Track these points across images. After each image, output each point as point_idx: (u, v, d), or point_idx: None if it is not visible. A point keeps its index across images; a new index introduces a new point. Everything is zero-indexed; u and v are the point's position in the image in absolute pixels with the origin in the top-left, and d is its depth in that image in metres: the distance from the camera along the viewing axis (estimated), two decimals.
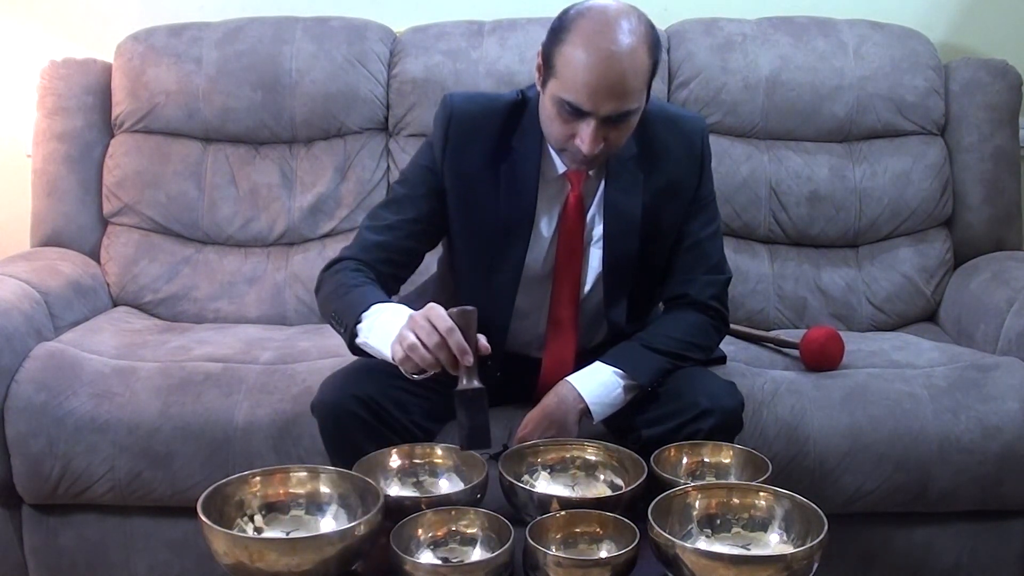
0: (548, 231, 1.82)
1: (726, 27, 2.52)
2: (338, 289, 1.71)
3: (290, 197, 2.49)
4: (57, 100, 2.49)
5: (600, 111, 1.60)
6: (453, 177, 1.79)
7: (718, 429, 1.68)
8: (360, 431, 1.68)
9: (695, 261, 1.85)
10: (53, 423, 1.96)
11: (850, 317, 2.45)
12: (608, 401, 1.73)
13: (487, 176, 1.78)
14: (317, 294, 1.79)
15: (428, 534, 1.45)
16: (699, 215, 1.86)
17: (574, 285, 1.83)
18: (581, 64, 1.58)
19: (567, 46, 1.60)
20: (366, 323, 1.62)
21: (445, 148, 1.78)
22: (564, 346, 1.86)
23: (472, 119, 1.79)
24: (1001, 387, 2.00)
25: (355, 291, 1.68)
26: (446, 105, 1.80)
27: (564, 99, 1.61)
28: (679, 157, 1.82)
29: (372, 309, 1.63)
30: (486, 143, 1.78)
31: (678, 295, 1.86)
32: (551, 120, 1.67)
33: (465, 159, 1.78)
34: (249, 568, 1.30)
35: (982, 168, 2.49)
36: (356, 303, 1.65)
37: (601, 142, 1.63)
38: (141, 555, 2.07)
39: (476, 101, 1.82)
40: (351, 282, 1.71)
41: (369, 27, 2.54)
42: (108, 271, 2.48)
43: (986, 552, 2.05)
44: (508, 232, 1.80)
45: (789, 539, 1.42)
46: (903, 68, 2.48)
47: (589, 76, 1.58)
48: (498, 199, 1.78)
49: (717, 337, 1.91)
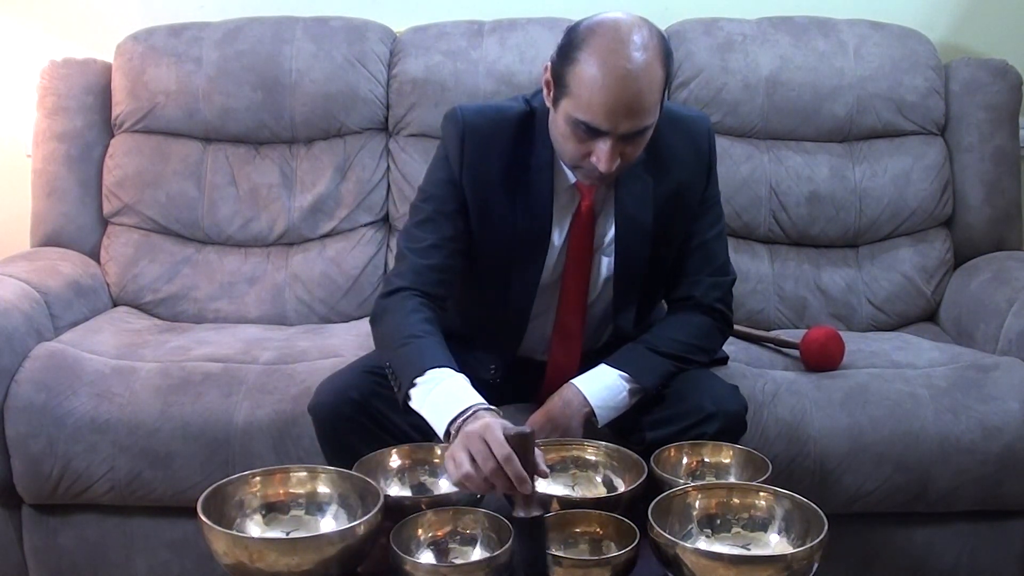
0: (559, 240, 1.80)
1: (726, 27, 2.52)
2: (396, 336, 1.64)
3: (290, 197, 2.49)
4: (57, 100, 2.49)
5: (618, 130, 1.57)
6: (472, 191, 1.76)
7: (722, 433, 1.67)
8: (356, 434, 1.67)
9: (701, 262, 1.84)
10: (53, 423, 1.96)
11: (850, 317, 2.45)
12: (613, 405, 1.72)
13: (503, 190, 1.75)
14: (373, 326, 1.74)
15: (428, 534, 1.45)
16: (705, 216, 1.84)
17: (582, 291, 1.82)
18: (597, 84, 1.54)
19: (581, 65, 1.56)
20: (420, 389, 1.56)
21: (462, 163, 1.74)
22: (569, 351, 1.85)
23: (485, 134, 1.75)
24: (1001, 387, 2.00)
25: (412, 345, 1.61)
26: (457, 120, 1.75)
27: (580, 119, 1.57)
28: (687, 160, 1.80)
29: (428, 376, 1.55)
30: (501, 157, 1.75)
31: (683, 297, 1.85)
32: (565, 139, 1.63)
33: (481, 174, 1.75)
34: (249, 568, 1.30)
35: (982, 168, 2.48)
36: (413, 362, 1.58)
37: (618, 159, 1.61)
38: (141, 555, 2.07)
39: (486, 115, 1.77)
40: (408, 331, 1.63)
41: (369, 27, 2.54)
42: (108, 271, 2.48)
43: (986, 552, 2.05)
44: (524, 245, 1.78)
45: (789, 539, 1.42)
46: (903, 68, 2.48)
47: (605, 96, 1.54)
48: (515, 213, 1.76)
49: (720, 340, 1.91)
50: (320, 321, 2.42)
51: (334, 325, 2.37)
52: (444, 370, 1.56)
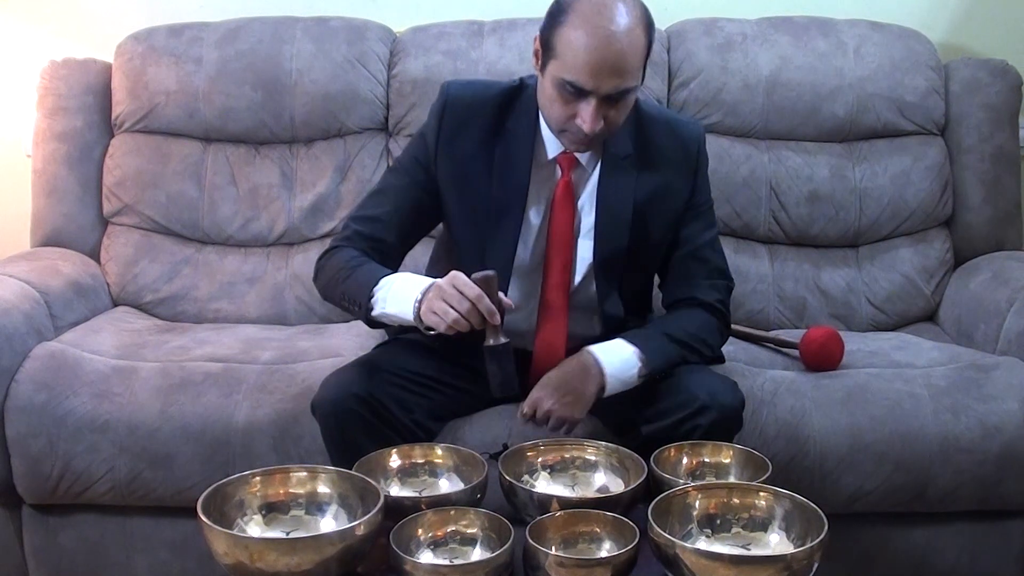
0: (537, 219, 1.84)
1: (726, 27, 2.52)
2: (341, 271, 1.77)
3: (290, 197, 2.49)
4: (57, 100, 2.49)
5: (601, 89, 1.65)
6: (448, 162, 1.83)
7: (717, 426, 1.68)
8: (361, 430, 1.69)
9: (698, 267, 1.89)
10: (53, 423, 1.96)
11: (850, 317, 2.45)
12: (623, 379, 1.74)
13: (481, 157, 1.82)
14: (316, 282, 1.86)
15: (428, 534, 1.45)
16: (695, 221, 1.89)
17: (563, 271, 1.85)
18: (582, 44, 1.63)
19: (567, 28, 1.65)
20: (379, 295, 1.69)
21: (439, 135, 1.83)
22: (555, 333, 1.87)
23: (467, 103, 1.84)
24: (1001, 387, 2.00)
25: (360, 269, 1.75)
26: (443, 93, 1.86)
27: (565, 79, 1.66)
28: (673, 161, 1.86)
29: (382, 282, 1.70)
30: (481, 125, 1.83)
31: (684, 298, 1.88)
32: (551, 102, 1.71)
33: (459, 142, 1.83)
34: (249, 568, 1.30)
35: (982, 168, 2.49)
36: (365, 279, 1.72)
37: (601, 121, 1.68)
38: (141, 555, 2.07)
39: (472, 86, 1.89)
40: (352, 263, 1.77)
41: (369, 27, 2.54)
42: (108, 271, 2.48)
43: (986, 552, 2.05)
44: (500, 214, 1.82)
45: (789, 539, 1.42)
46: (903, 68, 2.48)
47: (590, 56, 1.63)
48: (491, 180, 1.82)
49: (721, 339, 1.92)
50: (320, 321, 2.42)
51: (334, 325, 2.37)
52: (391, 275, 1.71)
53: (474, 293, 1.59)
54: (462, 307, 1.59)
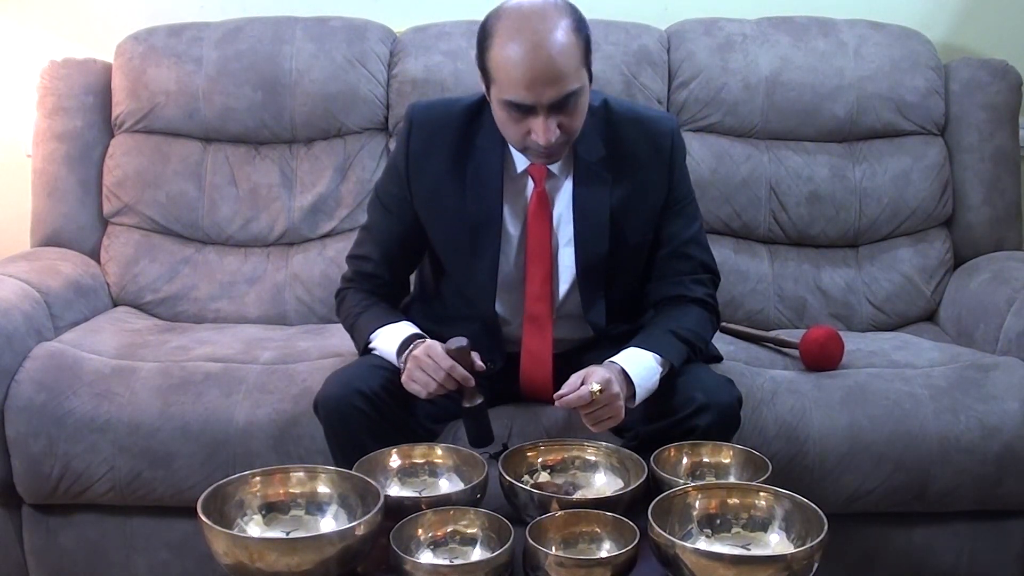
0: (515, 230, 1.84)
1: (726, 27, 2.52)
2: (347, 320, 1.90)
3: (290, 197, 2.49)
4: (57, 100, 2.49)
5: (543, 100, 1.64)
6: (421, 185, 1.84)
7: (715, 425, 1.68)
8: (363, 427, 1.70)
9: (682, 264, 1.87)
10: (53, 423, 1.96)
11: (850, 317, 2.45)
12: (648, 387, 1.73)
13: (453, 176, 1.82)
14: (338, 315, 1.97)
15: (428, 534, 1.45)
16: (677, 219, 1.87)
17: (544, 282, 1.84)
18: (511, 62, 1.63)
19: (495, 50, 1.65)
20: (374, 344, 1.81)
21: (408, 160, 1.84)
22: (540, 343, 1.86)
23: (432, 124, 1.84)
24: (1001, 387, 2.00)
25: (361, 317, 1.86)
26: (407, 117, 1.87)
27: (507, 100, 1.66)
28: (647, 159, 1.84)
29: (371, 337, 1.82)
30: (449, 144, 1.82)
31: (671, 296, 1.87)
32: (504, 124, 1.71)
33: (429, 164, 1.83)
34: (249, 568, 1.31)
35: (982, 168, 2.49)
36: (363, 329, 1.84)
37: (556, 130, 1.67)
38: (141, 555, 2.07)
39: (434, 107, 1.89)
40: (356, 309, 1.88)
41: (369, 27, 2.54)
42: (108, 271, 2.48)
43: (986, 552, 2.05)
44: (478, 230, 1.82)
45: (789, 539, 1.42)
46: (903, 68, 2.48)
47: (521, 71, 1.62)
48: (465, 197, 1.82)
49: (712, 331, 1.92)
50: (320, 321, 2.42)
51: (334, 325, 2.36)
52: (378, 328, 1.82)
53: (448, 364, 1.68)
54: (438, 376, 1.68)
